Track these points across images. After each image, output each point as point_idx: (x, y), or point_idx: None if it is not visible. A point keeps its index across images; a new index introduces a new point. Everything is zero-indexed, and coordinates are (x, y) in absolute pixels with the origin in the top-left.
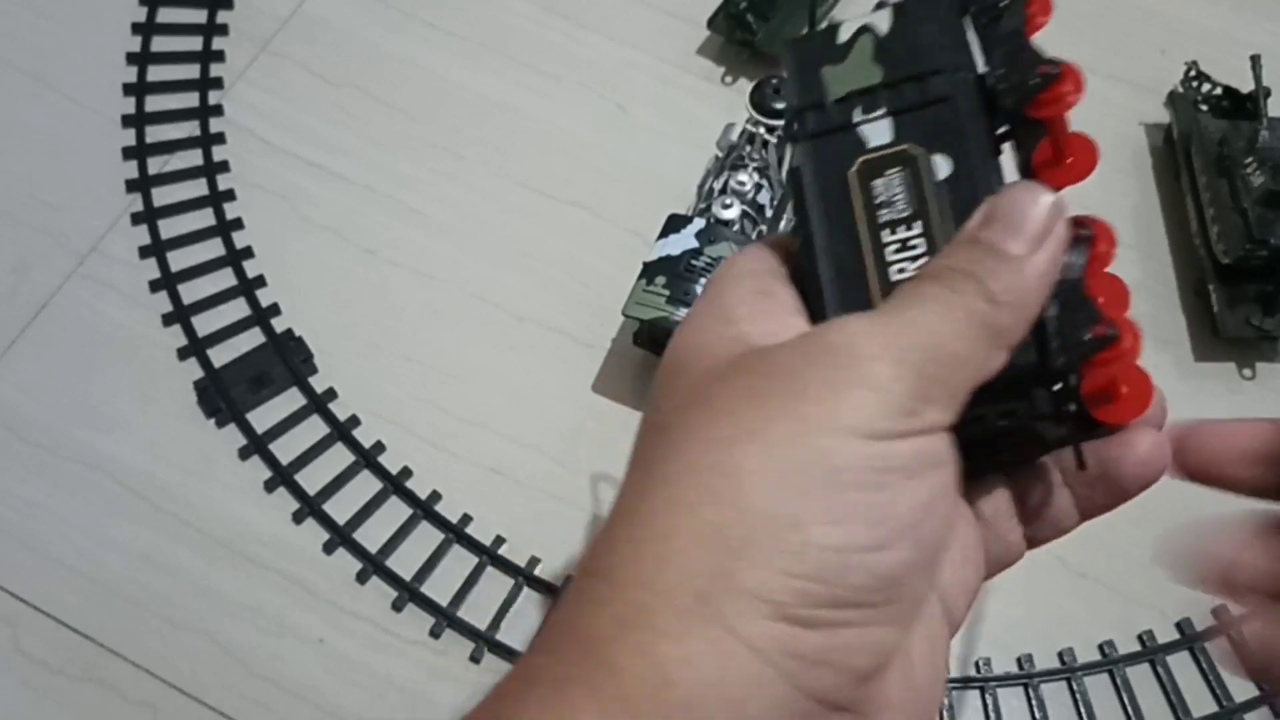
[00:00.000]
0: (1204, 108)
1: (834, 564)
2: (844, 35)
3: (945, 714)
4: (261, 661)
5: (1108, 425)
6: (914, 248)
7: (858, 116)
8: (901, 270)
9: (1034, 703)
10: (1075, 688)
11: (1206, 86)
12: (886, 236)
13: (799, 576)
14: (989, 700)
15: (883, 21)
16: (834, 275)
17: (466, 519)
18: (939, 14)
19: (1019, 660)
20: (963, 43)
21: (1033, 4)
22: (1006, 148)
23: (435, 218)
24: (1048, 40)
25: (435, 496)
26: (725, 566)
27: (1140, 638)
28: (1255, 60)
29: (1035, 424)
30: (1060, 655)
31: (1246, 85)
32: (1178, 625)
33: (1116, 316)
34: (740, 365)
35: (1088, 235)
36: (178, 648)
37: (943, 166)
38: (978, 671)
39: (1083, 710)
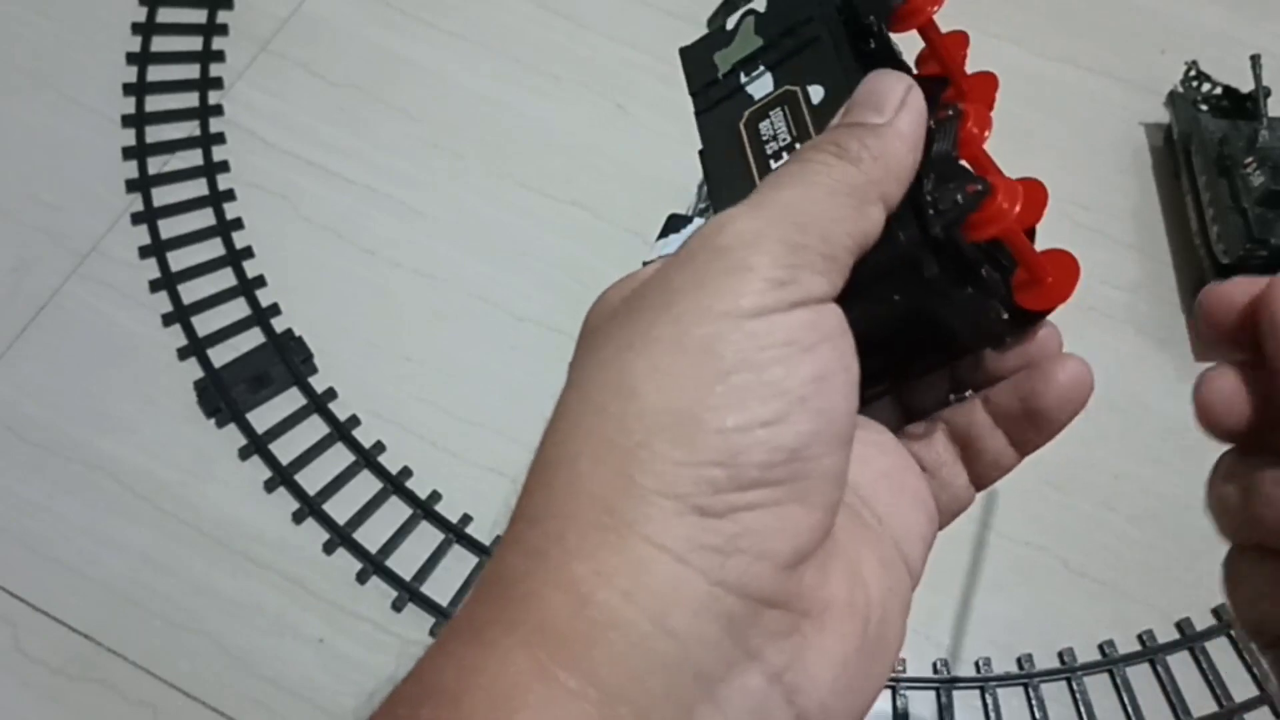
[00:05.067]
0: (1204, 108)
1: (731, 445)
2: (730, 24)
3: (945, 714)
4: (261, 661)
5: (1034, 313)
6: None
7: (743, 79)
8: None
9: (1034, 703)
10: (1075, 688)
11: (1206, 86)
12: (774, 165)
13: (698, 464)
14: (989, 700)
15: (760, 4)
16: None
17: (466, 519)
18: None
19: (1019, 660)
20: None
21: None
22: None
23: (435, 218)
24: (1047, 40)
25: (435, 496)
26: (625, 472)
27: (1140, 637)
28: (1255, 60)
29: (931, 292)
30: (1060, 655)
31: (1246, 85)
32: (1177, 625)
33: (995, 178)
34: (626, 297)
35: (956, 113)
36: (178, 648)
37: (817, 93)
38: (978, 671)
39: (1083, 710)
